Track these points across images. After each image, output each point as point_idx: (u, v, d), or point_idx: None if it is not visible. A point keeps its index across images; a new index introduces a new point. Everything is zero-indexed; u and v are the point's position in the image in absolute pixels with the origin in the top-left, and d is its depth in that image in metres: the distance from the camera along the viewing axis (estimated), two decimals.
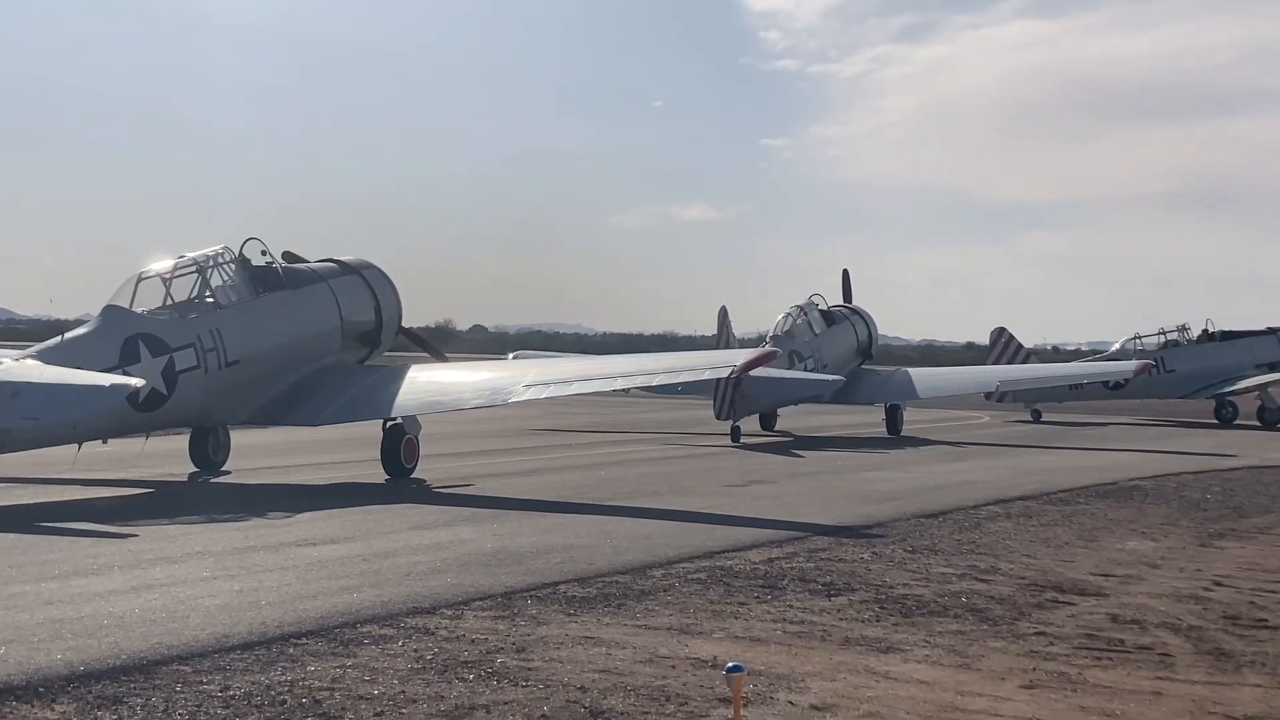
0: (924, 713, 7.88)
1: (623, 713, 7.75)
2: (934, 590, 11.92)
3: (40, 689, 8.02)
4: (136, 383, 17.93)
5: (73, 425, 17.88)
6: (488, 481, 20.89)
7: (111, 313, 19.63)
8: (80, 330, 19.72)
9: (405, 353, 27.27)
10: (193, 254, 21.25)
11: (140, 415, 19.12)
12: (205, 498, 19.04)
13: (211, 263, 21.24)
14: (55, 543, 13.86)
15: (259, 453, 24.50)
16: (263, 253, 22.02)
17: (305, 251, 23.71)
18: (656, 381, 22.82)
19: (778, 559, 13.49)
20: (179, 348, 19.66)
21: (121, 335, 19.15)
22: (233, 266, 21.45)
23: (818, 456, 27.47)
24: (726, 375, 25.74)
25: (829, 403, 36.97)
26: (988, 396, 43.49)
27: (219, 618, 10.07)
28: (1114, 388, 43.54)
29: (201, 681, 8.26)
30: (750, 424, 33.07)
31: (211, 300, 20.90)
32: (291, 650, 9.14)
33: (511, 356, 33.36)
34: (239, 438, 23.59)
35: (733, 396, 30.72)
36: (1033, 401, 44.02)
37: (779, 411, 35.68)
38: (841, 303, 39.12)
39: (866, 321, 38.75)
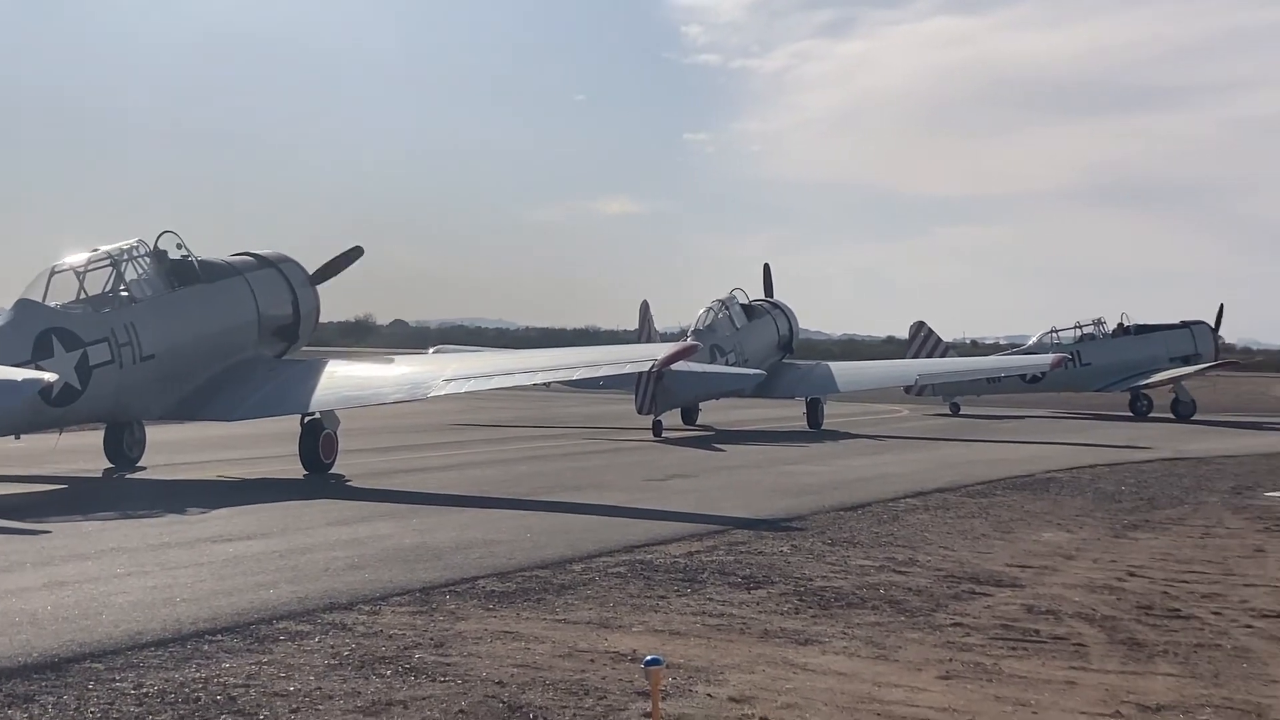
0: (841, 704, 7.91)
1: (541, 707, 7.73)
2: (852, 582, 11.99)
3: None
4: (49, 377, 17.67)
5: None
6: (407, 476, 20.79)
7: (24, 306, 19.30)
8: None
9: (323, 347, 27.09)
10: (107, 247, 20.95)
11: (53, 410, 18.84)
12: (120, 494, 18.78)
13: (126, 256, 20.94)
14: None
15: (175, 448, 24.21)
16: (178, 246, 21.74)
17: (221, 247, 23.52)
18: (577, 375, 22.79)
19: (698, 552, 13.52)
20: (93, 342, 19.37)
21: (34, 329, 18.84)
22: (148, 260, 21.16)
23: (739, 450, 27.56)
24: (648, 369, 25.81)
25: (750, 397, 37.08)
26: (907, 390, 43.90)
27: (132, 615, 9.94)
28: (1031, 381, 43.99)
29: (114, 679, 8.16)
30: (672, 418, 33.11)
31: (126, 294, 20.60)
32: (206, 647, 9.05)
33: (432, 351, 33.18)
34: (154, 433, 23.31)
35: (654, 391, 30.73)
36: (951, 395, 44.42)
37: (700, 405, 35.73)
38: (763, 297, 39.23)
39: (787, 316, 38.88)
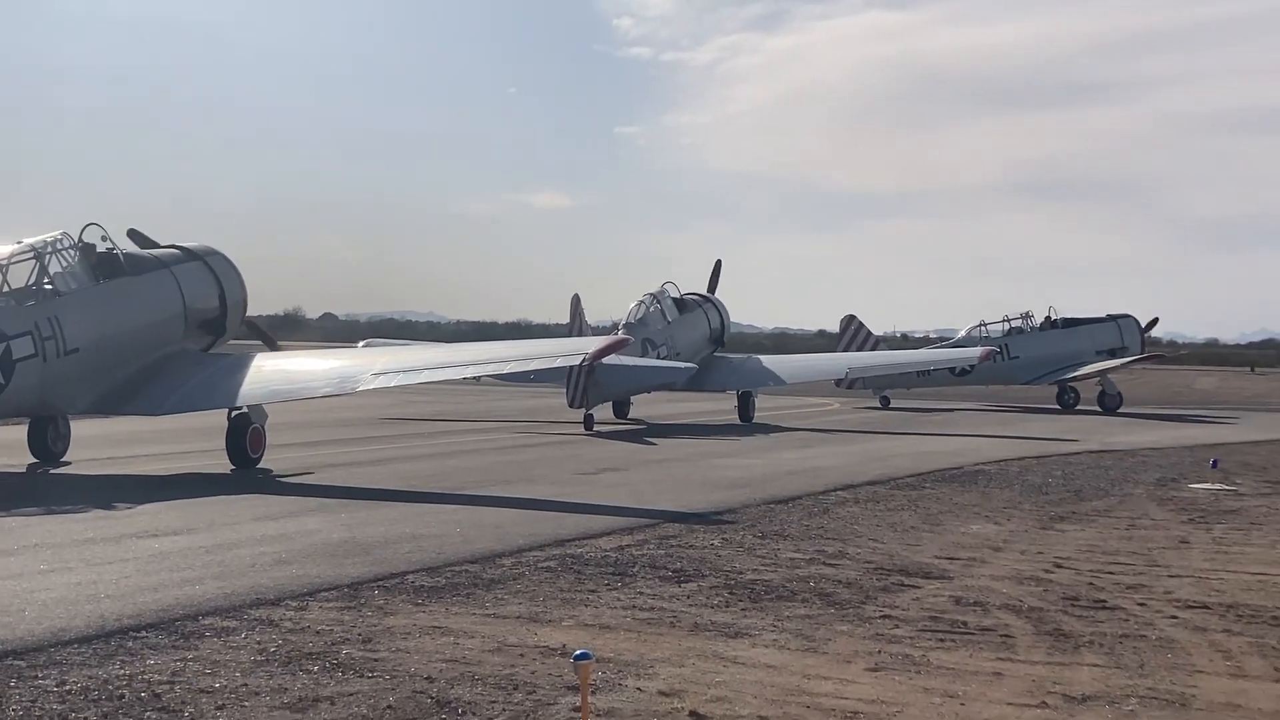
0: (770, 696, 7.92)
1: (470, 702, 7.69)
2: (782, 575, 12.02)
3: None
4: None
5: None
6: (336, 471, 20.65)
7: None
8: None
9: (251, 341, 26.83)
10: (30, 239, 20.66)
11: None
12: (44, 489, 18.52)
13: (50, 249, 20.65)
14: None
15: (100, 443, 23.92)
16: (103, 238, 21.48)
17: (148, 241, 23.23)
18: (508, 369, 22.69)
19: (628, 546, 13.51)
20: (15, 335, 19.12)
21: None
22: (72, 253, 20.89)
23: (670, 444, 27.57)
24: (579, 363, 25.74)
25: (682, 390, 37.15)
26: (838, 383, 44.08)
27: (55, 611, 9.82)
28: (960, 374, 44.33)
29: (37, 676, 8.05)
30: (603, 412, 33.09)
31: (50, 287, 20.32)
32: (131, 644, 8.95)
33: (362, 345, 32.98)
34: (79, 428, 23.03)
35: (585, 384, 30.70)
36: (881, 388, 44.68)
37: (632, 399, 35.77)
38: (695, 290, 39.26)
39: (719, 309, 38.97)
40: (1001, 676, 8.50)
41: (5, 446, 22.32)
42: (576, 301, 33.53)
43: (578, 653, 7.24)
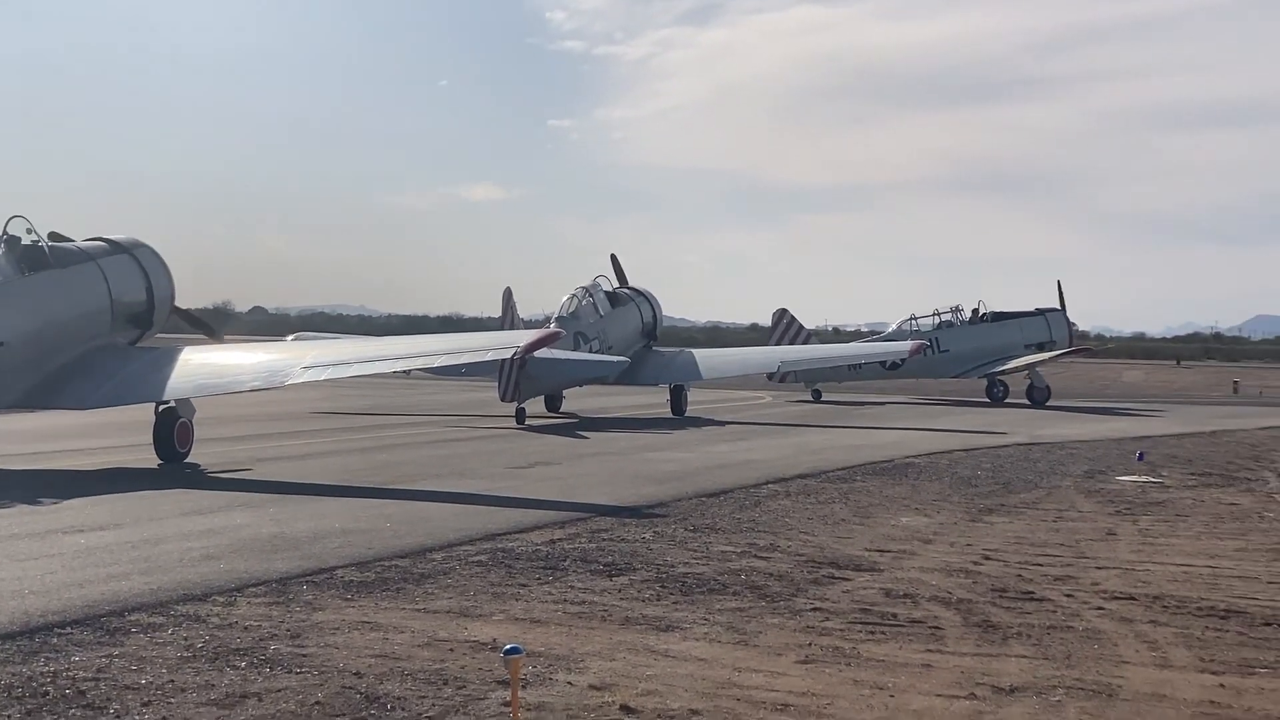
0: (701, 690, 7.93)
1: (399, 697, 7.64)
2: (714, 568, 12.03)
3: None
4: None
5: None
6: (265, 465, 20.49)
7: None
8: None
9: (180, 334, 26.60)
10: None
11: None
12: None
13: None
14: None
15: (26, 438, 23.63)
16: (28, 231, 21.18)
17: (78, 233, 22.94)
18: (439, 363, 22.60)
19: (560, 540, 13.49)
20: None
21: None
22: None
23: (602, 437, 27.56)
24: (510, 356, 25.63)
25: (614, 384, 37.12)
26: (770, 377, 44.27)
27: None
28: (891, 368, 44.63)
29: None
30: (536, 405, 33.04)
31: None
32: (55, 640, 8.83)
33: (292, 338, 32.70)
34: (4, 422, 22.75)
35: (517, 378, 30.63)
36: (813, 381, 44.87)
37: (564, 393, 35.71)
38: (626, 285, 39.22)
39: (651, 303, 38.98)
40: (931, 668, 8.55)
41: None
42: (509, 295, 33.42)
43: (508, 647, 7.22)
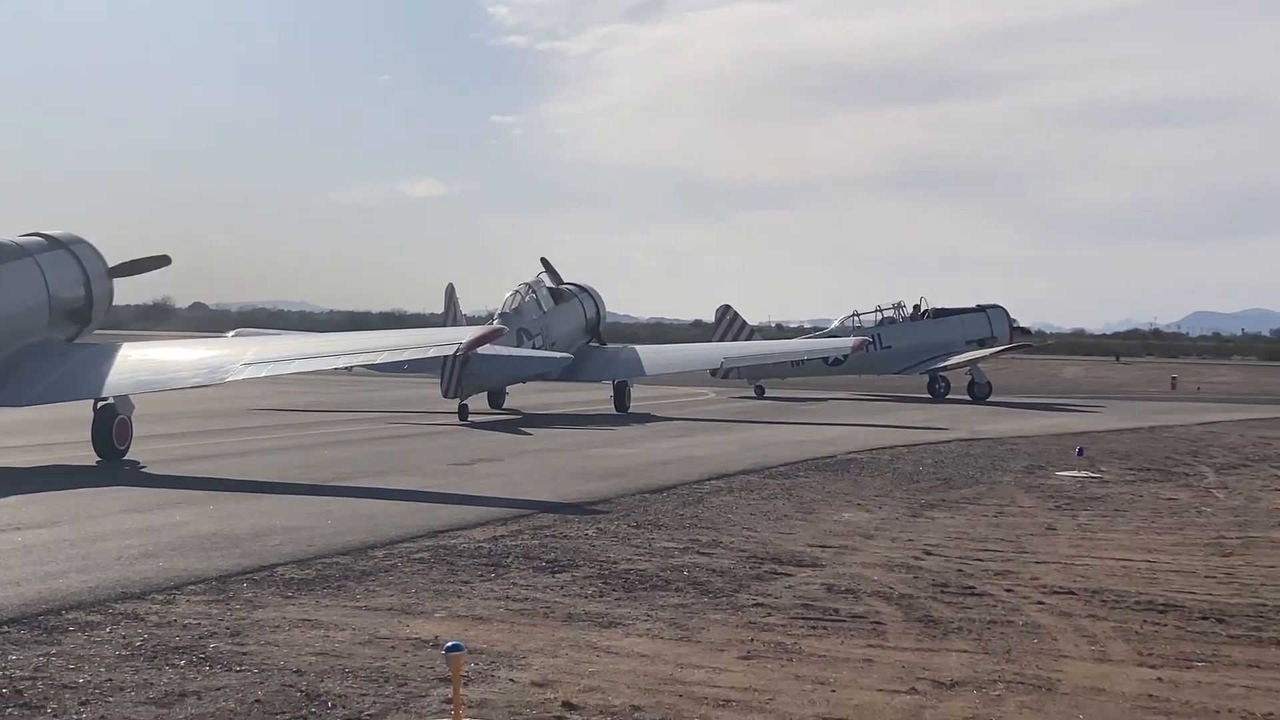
0: (643, 686, 7.92)
1: (340, 695, 7.60)
2: (656, 564, 12.03)
3: None
4: None
5: None
6: (205, 462, 20.33)
7: None
8: None
9: (119, 331, 26.36)
10: None
11: None
12: None
13: None
14: None
15: None
16: None
17: (11, 229, 22.69)
18: (381, 359, 22.51)
19: (502, 537, 13.45)
20: None
21: None
22: None
23: (545, 434, 27.53)
24: (453, 353, 25.58)
25: (557, 380, 37.07)
26: (713, 373, 44.38)
27: None
28: (833, 364, 44.78)
29: None
30: (478, 402, 32.96)
31: None
32: None
33: (232, 334, 32.48)
34: None
35: (460, 374, 30.53)
36: (756, 378, 44.99)
37: (507, 389, 35.65)
38: (570, 281, 39.15)
39: (595, 299, 38.95)
40: (872, 663, 8.58)
41: None
42: (451, 291, 33.34)
43: (450, 644, 7.18)
